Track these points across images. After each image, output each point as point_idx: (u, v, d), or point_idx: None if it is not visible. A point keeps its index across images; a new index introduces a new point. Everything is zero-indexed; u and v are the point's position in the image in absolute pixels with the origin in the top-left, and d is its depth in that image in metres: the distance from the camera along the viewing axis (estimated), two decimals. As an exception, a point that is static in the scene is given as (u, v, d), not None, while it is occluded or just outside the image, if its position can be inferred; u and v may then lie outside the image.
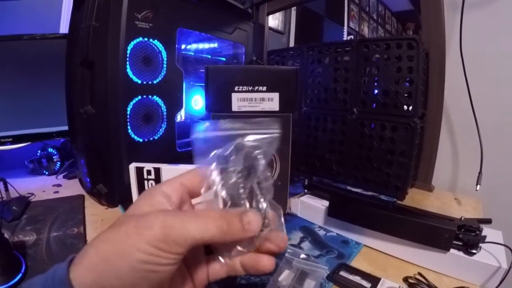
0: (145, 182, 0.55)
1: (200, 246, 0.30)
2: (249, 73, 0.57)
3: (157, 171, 0.54)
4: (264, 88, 0.56)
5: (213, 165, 0.27)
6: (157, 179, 0.54)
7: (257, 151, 0.28)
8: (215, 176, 0.27)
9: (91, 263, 0.23)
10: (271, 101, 0.57)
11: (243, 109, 0.57)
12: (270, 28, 2.07)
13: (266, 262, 0.29)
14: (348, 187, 0.80)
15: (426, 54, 0.83)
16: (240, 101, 0.57)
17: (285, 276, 0.49)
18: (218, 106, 0.58)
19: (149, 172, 0.55)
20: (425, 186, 0.91)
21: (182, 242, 0.24)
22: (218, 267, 0.31)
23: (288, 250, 0.56)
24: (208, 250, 0.31)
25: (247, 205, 0.28)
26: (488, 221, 0.59)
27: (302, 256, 0.54)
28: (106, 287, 0.23)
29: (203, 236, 0.24)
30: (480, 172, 0.76)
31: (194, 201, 0.31)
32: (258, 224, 0.27)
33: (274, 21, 2.22)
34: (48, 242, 0.60)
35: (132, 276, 0.23)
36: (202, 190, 0.29)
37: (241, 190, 0.27)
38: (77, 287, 0.22)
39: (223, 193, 0.27)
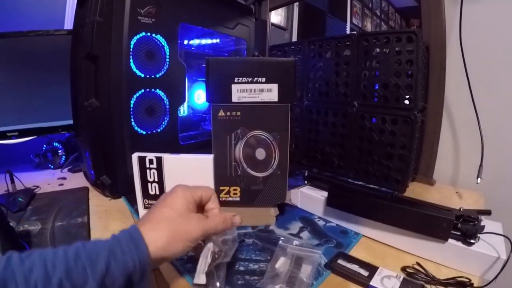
0: (147, 171, 0.56)
1: None
2: (248, 65, 0.58)
3: (159, 160, 0.55)
4: (263, 79, 0.57)
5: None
6: (159, 169, 0.55)
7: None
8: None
9: (164, 234, 0.38)
10: (270, 92, 0.58)
11: (243, 100, 0.58)
12: (273, 24, 2.07)
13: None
14: (349, 180, 0.81)
15: (426, 47, 0.83)
16: (240, 92, 0.58)
17: (281, 263, 0.50)
18: (219, 97, 0.58)
19: (151, 161, 0.56)
20: (426, 179, 0.91)
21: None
22: None
23: (282, 238, 0.57)
24: None
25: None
26: (487, 212, 0.59)
27: (295, 242, 0.55)
28: (168, 251, 0.37)
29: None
30: (481, 165, 0.76)
31: None
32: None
33: (276, 17, 2.22)
34: (52, 231, 0.61)
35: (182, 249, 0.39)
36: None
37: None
38: (151, 245, 0.36)
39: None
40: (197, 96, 1.03)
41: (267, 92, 0.58)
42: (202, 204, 0.46)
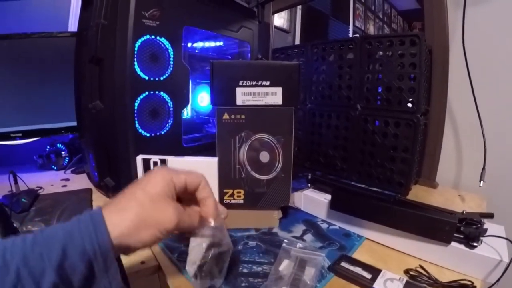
0: (152, 173, 0.56)
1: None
2: (253, 68, 0.58)
3: (164, 162, 0.56)
4: (268, 83, 0.58)
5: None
6: (163, 171, 0.56)
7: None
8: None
9: (129, 217, 0.33)
10: (274, 96, 0.58)
11: (247, 103, 0.58)
12: (276, 27, 2.07)
13: None
14: (352, 183, 0.81)
15: (429, 51, 0.83)
16: (244, 95, 0.58)
17: (285, 265, 0.50)
18: (223, 100, 0.59)
19: (155, 164, 0.56)
20: (429, 182, 0.91)
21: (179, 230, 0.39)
22: None
23: (285, 241, 0.58)
24: None
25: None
26: (490, 216, 0.59)
27: (299, 245, 0.55)
28: (132, 237, 0.33)
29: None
30: (483, 169, 0.76)
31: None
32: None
33: (279, 19, 2.22)
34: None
35: (149, 239, 0.34)
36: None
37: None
38: (113, 230, 0.32)
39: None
40: (201, 99, 1.03)
41: (271, 96, 0.58)
42: (189, 192, 0.41)
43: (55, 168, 1.05)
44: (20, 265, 0.28)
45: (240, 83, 0.58)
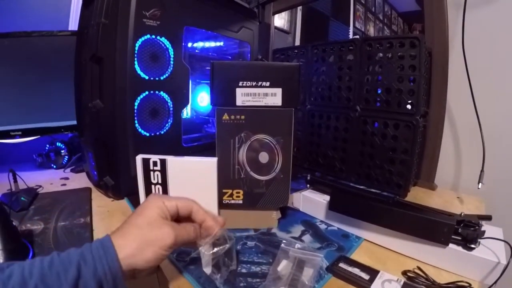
0: (151, 173, 0.56)
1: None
2: (253, 69, 0.58)
3: (163, 162, 0.56)
4: (268, 84, 0.58)
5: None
6: (163, 171, 0.56)
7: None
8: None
9: (132, 240, 0.38)
10: (274, 96, 0.58)
11: (247, 103, 0.58)
12: (276, 28, 2.08)
13: None
14: (351, 184, 0.81)
15: (429, 53, 0.84)
16: (244, 96, 0.58)
17: (283, 265, 0.51)
18: (223, 101, 0.59)
19: (155, 164, 0.56)
20: (428, 184, 0.91)
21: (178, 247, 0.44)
22: None
23: (284, 241, 0.58)
24: None
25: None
26: (488, 218, 0.59)
27: (298, 245, 0.55)
28: (137, 257, 0.38)
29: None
30: (482, 171, 0.76)
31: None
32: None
33: (280, 20, 2.23)
34: (55, 231, 0.62)
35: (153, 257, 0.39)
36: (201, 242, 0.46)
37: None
38: (120, 252, 0.36)
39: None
40: (201, 99, 1.03)
41: (271, 96, 0.58)
42: (182, 216, 0.46)
43: (55, 166, 1.05)
44: (38, 283, 0.31)
45: (240, 84, 0.58)
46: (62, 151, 1.05)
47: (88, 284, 0.34)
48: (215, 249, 0.46)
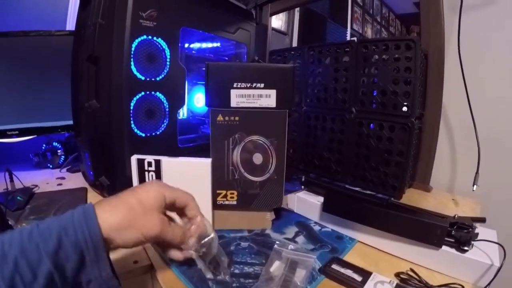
0: (146, 173, 0.57)
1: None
2: (247, 70, 0.59)
3: (158, 163, 0.56)
4: (262, 85, 0.58)
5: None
6: (157, 171, 0.56)
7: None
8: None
9: (119, 216, 0.38)
10: (268, 98, 0.58)
11: (241, 105, 0.59)
12: (273, 29, 2.07)
13: None
14: (347, 186, 0.81)
15: (425, 55, 0.84)
16: (238, 97, 0.58)
17: (276, 266, 0.51)
18: (218, 102, 0.59)
19: (149, 164, 0.56)
20: (423, 186, 0.91)
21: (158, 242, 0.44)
22: None
23: (277, 242, 0.58)
24: None
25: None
26: (482, 220, 0.60)
27: (291, 247, 0.56)
28: (119, 233, 0.37)
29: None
30: (477, 173, 0.76)
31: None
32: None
33: (277, 21, 2.23)
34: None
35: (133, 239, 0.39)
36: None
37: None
38: (102, 223, 0.36)
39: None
40: (197, 100, 1.04)
41: (265, 98, 0.58)
42: (177, 207, 0.46)
43: (51, 166, 1.05)
44: (17, 255, 0.31)
45: (235, 85, 0.58)
46: (59, 151, 1.05)
47: (69, 255, 0.33)
48: (203, 249, 0.47)
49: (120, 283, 0.38)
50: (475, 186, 0.75)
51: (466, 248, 0.51)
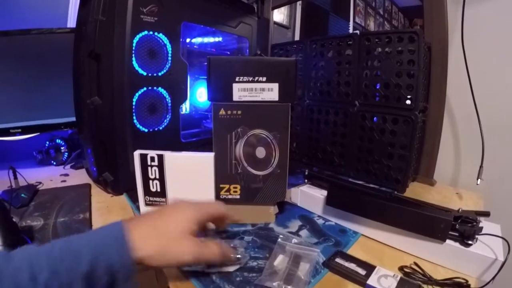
0: (149, 168, 0.57)
1: None
2: (249, 64, 0.58)
3: (161, 158, 0.56)
4: (264, 79, 0.58)
5: None
6: (160, 166, 0.56)
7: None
8: None
9: (152, 248, 0.38)
10: (270, 91, 0.58)
11: (243, 99, 0.58)
12: (275, 23, 2.07)
13: None
14: (350, 179, 0.81)
15: (428, 47, 0.83)
16: (240, 91, 0.58)
17: (280, 260, 0.51)
18: (220, 96, 0.59)
19: (152, 159, 0.56)
20: (427, 180, 0.91)
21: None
22: None
23: (281, 236, 0.58)
24: None
25: None
26: (486, 214, 0.59)
27: (294, 240, 0.56)
28: (153, 261, 0.38)
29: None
30: (481, 166, 0.76)
31: None
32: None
33: (279, 15, 2.22)
34: (55, 227, 0.62)
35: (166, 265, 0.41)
36: None
37: None
38: (135, 253, 0.36)
39: None
40: (199, 94, 1.03)
41: (268, 92, 0.58)
42: (216, 219, 0.48)
43: (54, 163, 1.05)
44: (48, 278, 0.31)
45: (237, 79, 0.58)
46: (62, 147, 1.05)
47: (101, 278, 0.33)
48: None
49: None
50: (479, 180, 0.75)
51: (470, 242, 0.51)
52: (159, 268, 0.41)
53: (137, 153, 0.57)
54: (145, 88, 0.74)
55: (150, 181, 0.58)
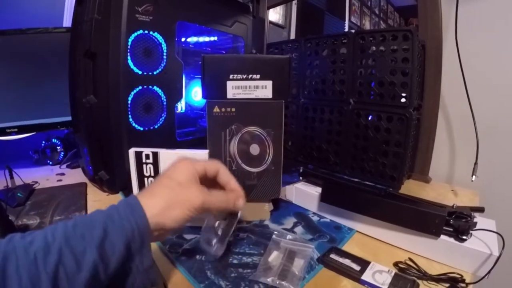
0: (144, 166, 0.57)
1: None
2: (243, 62, 0.59)
3: (155, 155, 0.56)
4: (258, 76, 0.58)
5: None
6: (155, 163, 0.56)
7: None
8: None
9: (161, 200, 0.38)
10: (264, 89, 0.58)
11: (237, 96, 0.59)
12: (271, 22, 2.08)
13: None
14: (345, 177, 0.81)
15: (422, 46, 0.84)
16: (234, 88, 0.58)
17: (274, 256, 0.51)
18: (214, 94, 0.59)
19: (147, 156, 0.56)
20: (422, 177, 0.92)
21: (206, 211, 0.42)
22: None
23: (275, 232, 0.58)
24: None
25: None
26: (480, 210, 0.60)
27: (289, 237, 0.56)
28: (166, 216, 0.37)
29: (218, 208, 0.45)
30: (475, 163, 0.76)
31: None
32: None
33: (275, 15, 2.22)
34: (50, 225, 0.62)
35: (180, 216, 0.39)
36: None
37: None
38: (147, 210, 0.36)
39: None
40: (195, 93, 1.04)
41: (262, 89, 0.59)
42: (210, 178, 0.46)
43: (51, 163, 1.05)
44: (62, 245, 0.30)
45: (231, 77, 0.58)
46: (58, 147, 1.05)
47: (115, 243, 0.32)
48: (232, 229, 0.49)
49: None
50: (474, 176, 0.75)
51: (464, 237, 0.51)
52: (172, 229, 0.39)
53: (132, 151, 0.57)
54: (140, 87, 0.74)
55: (145, 179, 0.59)
